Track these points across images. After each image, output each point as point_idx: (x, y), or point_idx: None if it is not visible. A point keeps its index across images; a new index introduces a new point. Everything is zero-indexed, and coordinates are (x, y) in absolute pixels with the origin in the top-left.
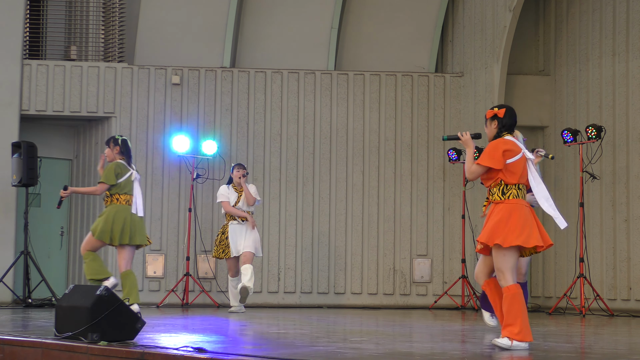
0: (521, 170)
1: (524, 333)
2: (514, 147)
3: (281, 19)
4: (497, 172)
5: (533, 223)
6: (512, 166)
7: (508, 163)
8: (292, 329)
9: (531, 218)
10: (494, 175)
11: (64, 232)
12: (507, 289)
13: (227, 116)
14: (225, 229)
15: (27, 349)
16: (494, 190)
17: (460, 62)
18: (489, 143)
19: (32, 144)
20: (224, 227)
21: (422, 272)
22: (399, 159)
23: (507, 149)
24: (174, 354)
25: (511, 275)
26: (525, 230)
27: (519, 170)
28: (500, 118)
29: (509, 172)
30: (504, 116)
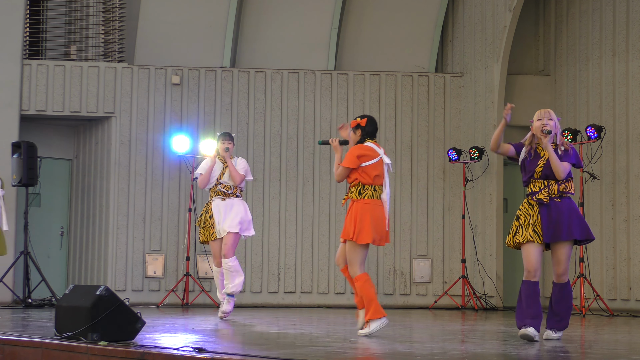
0: (376, 173)
1: (377, 311)
2: (371, 152)
3: (281, 19)
4: (355, 173)
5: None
6: (367, 169)
7: (363, 166)
8: (292, 329)
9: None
10: (352, 176)
11: (63, 232)
12: (358, 278)
13: (227, 116)
14: (208, 207)
15: (27, 349)
16: (352, 189)
17: (460, 62)
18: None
19: (32, 144)
20: (207, 205)
21: (422, 272)
22: (399, 159)
23: (362, 154)
24: (174, 354)
25: (360, 267)
26: (377, 229)
27: (373, 173)
28: (363, 127)
29: (364, 174)
30: (366, 125)
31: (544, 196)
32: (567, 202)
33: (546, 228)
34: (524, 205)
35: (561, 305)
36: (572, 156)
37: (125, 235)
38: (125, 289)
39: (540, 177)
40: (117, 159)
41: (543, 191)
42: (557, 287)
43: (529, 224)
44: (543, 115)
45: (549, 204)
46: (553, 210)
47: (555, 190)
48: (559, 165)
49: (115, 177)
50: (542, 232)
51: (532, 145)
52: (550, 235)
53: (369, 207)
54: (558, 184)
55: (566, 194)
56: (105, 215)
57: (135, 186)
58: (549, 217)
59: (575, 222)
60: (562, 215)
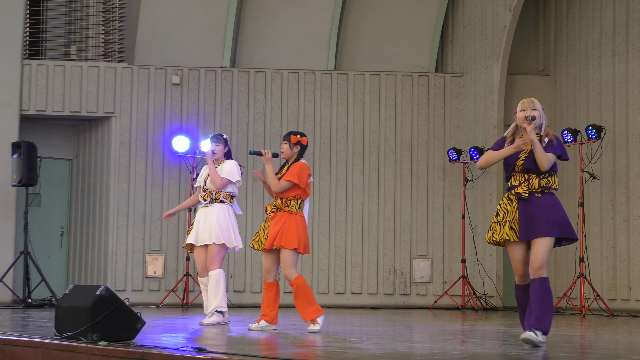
0: (310, 190)
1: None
2: (310, 171)
3: (281, 19)
4: (298, 189)
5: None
6: (308, 187)
7: (308, 182)
8: (292, 329)
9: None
10: (295, 191)
11: (63, 232)
12: (294, 282)
13: (227, 116)
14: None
15: (27, 349)
16: (292, 202)
17: (460, 62)
18: (295, 163)
19: (32, 144)
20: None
21: (422, 272)
22: (399, 159)
23: (309, 173)
24: (174, 354)
25: (295, 270)
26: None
27: (309, 190)
28: (304, 146)
29: (305, 191)
30: (306, 144)
31: (523, 190)
32: (549, 198)
33: (523, 225)
34: (503, 201)
35: (541, 303)
36: (557, 147)
37: (125, 235)
38: (125, 288)
39: (522, 171)
40: (117, 159)
41: (523, 185)
42: (535, 283)
43: (506, 220)
44: (527, 105)
45: (528, 198)
46: (531, 206)
47: (536, 185)
48: (544, 156)
49: (115, 177)
50: (519, 229)
51: (515, 138)
52: (527, 233)
53: (301, 219)
54: (539, 178)
55: (548, 189)
56: (105, 215)
57: (135, 186)
58: (526, 213)
59: (555, 218)
60: (542, 211)
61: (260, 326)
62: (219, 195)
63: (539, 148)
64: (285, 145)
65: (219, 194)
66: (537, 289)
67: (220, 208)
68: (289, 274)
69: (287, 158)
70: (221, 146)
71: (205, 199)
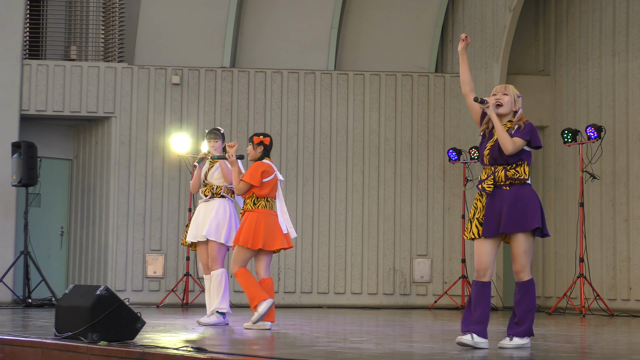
0: (272, 187)
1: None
2: (270, 169)
3: (281, 19)
4: (253, 188)
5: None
6: (266, 184)
7: (264, 181)
8: (292, 329)
9: (276, 224)
10: (251, 190)
11: (63, 232)
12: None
13: (227, 116)
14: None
15: (27, 348)
16: (247, 201)
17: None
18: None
19: (32, 144)
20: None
21: (422, 272)
22: (399, 158)
23: (264, 170)
24: (174, 354)
25: (239, 265)
26: (269, 235)
27: (269, 186)
28: (266, 145)
29: (261, 189)
30: (269, 144)
31: (488, 185)
32: (516, 190)
33: (487, 221)
34: (476, 196)
35: (520, 307)
36: (524, 132)
37: (125, 235)
38: (125, 288)
39: (489, 162)
40: (117, 158)
41: (489, 179)
42: (517, 287)
43: (475, 217)
44: (498, 90)
45: (493, 192)
46: (497, 201)
47: (502, 177)
48: (506, 138)
49: (115, 177)
50: (483, 225)
51: (488, 125)
52: (490, 229)
53: (263, 215)
54: (505, 170)
55: (517, 180)
56: (105, 215)
57: (135, 186)
58: (491, 208)
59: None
60: (507, 205)
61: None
62: (219, 189)
63: (500, 129)
64: (249, 147)
65: (220, 189)
66: (519, 293)
67: (220, 203)
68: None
69: (253, 159)
70: (220, 142)
71: (207, 194)
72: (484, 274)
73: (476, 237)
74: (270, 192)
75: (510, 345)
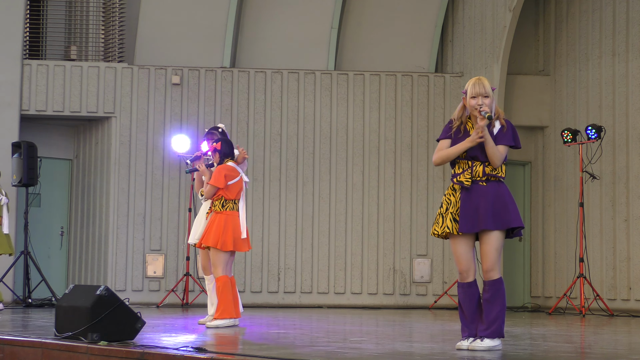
0: (238, 190)
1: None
2: (234, 172)
3: (281, 19)
4: (220, 190)
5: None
6: (231, 186)
7: (229, 184)
8: (292, 329)
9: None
10: (218, 192)
11: (63, 232)
12: (219, 279)
13: (227, 116)
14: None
15: (27, 348)
16: (215, 203)
17: (460, 62)
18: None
19: (32, 144)
20: None
21: (422, 272)
22: (398, 158)
23: (227, 174)
24: (174, 354)
25: (223, 270)
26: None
27: (236, 189)
28: (219, 150)
29: (228, 191)
30: (221, 148)
31: (466, 179)
32: (494, 187)
33: (463, 216)
34: (448, 191)
35: (491, 307)
36: (509, 137)
37: (125, 235)
38: (125, 288)
39: (466, 158)
40: (117, 158)
41: (466, 173)
42: (486, 286)
43: (449, 212)
44: (478, 91)
45: (470, 187)
46: (474, 197)
47: (480, 173)
48: (496, 154)
49: (115, 177)
50: (459, 220)
51: (462, 120)
52: (468, 225)
53: (231, 218)
54: (484, 165)
55: (494, 177)
56: (105, 215)
57: (135, 186)
58: (468, 203)
59: (499, 208)
60: (486, 201)
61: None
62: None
63: (491, 146)
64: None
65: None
66: (490, 292)
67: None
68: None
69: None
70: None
71: (202, 195)
72: (467, 275)
73: (452, 232)
74: (237, 194)
75: (482, 347)
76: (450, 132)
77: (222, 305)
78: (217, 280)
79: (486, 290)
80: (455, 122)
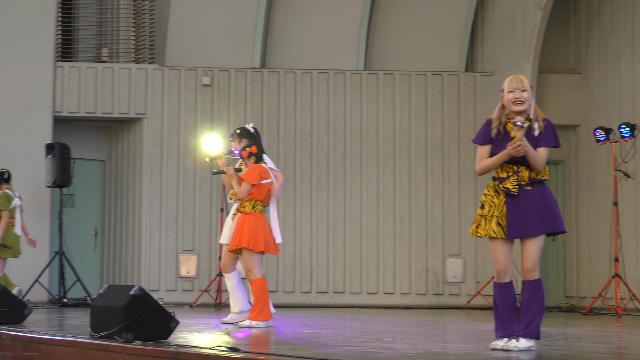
0: (268, 191)
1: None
2: (267, 173)
3: (310, 19)
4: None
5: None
6: (263, 186)
7: (261, 183)
8: (325, 329)
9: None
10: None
11: (97, 233)
12: (257, 282)
13: (257, 116)
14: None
15: (63, 348)
16: (245, 204)
17: (490, 60)
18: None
19: (65, 146)
20: None
21: (455, 272)
22: (429, 158)
23: (260, 172)
24: (208, 353)
25: (258, 271)
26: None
27: (266, 190)
28: (255, 154)
29: (259, 191)
30: (258, 152)
31: (512, 185)
32: (539, 190)
33: (512, 223)
34: (489, 191)
35: (531, 307)
36: (550, 138)
37: (158, 236)
38: (158, 288)
39: (510, 162)
40: (148, 159)
41: (511, 179)
42: (526, 286)
43: (493, 215)
44: (515, 86)
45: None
46: (521, 201)
47: (526, 177)
48: (539, 160)
49: (147, 177)
50: (507, 226)
51: (501, 121)
52: (517, 231)
53: (260, 219)
54: (530, 170)
55: (539, 181)
56: (138, 215)
57: (167, 186)
58: (515, 209)
59: (546, 214)
60: (533, 207)
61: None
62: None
63: (532, 154)
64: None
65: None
66: (529, 292)
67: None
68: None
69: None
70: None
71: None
72: (504, 275)
73: (497, 236)
74: (267, 197)
75: (517, 347)
76: (488, 135)
77: (260, 307)
78: (255, 282)
79: (526, 290)
80: (494, 123)
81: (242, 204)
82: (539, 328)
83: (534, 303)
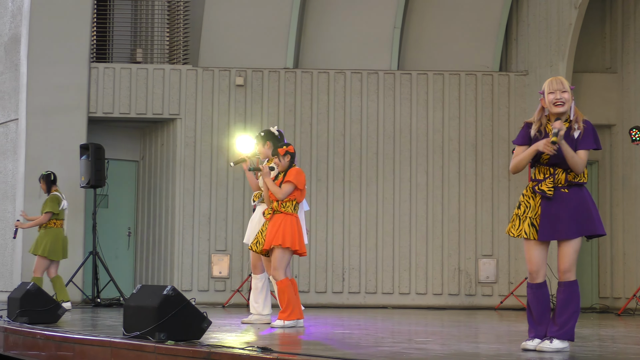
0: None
1: (294, 314)
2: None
3: (343, 19)
4: (295, 191)
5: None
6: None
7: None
8: (357, 330)
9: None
10: (293, 193)
11: (131, 233)
12: (284, 282)
13: (290, 117)
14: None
15: (96, 347)
16: (287, 204)
17: (524, 60)
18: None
19: (99, 146)
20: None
21: (488, 273)
22: (463, 158)
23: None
24: (240, 353)
25: (286, 271)
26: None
27: (305, 193)
28: (292, 154)
29: (302, 195)
30: (294, 152)
31: (548, 188)
32: (576, 193)
33: (543, 225)
34: (527, 192)
35: (566, 309)
36: (590, 140)
37: (191, 236)
38: (191, 289)
39: (547, 164)
40: (182, 160)
41: (548, 181)
42: (562, 287)
43: (527, 216)
44: (555, 88)
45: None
46: (555, 204)
47: (563, 180)
48: (578, 162)
49: (180, 178)
50: (539, 227)
51: (542, 122)
52: (548, 233)
53: (296, 220)
54: (566, 173)
55: (576, 184)
56: (171, 215)
57: (201, 187)
58: (549, 211)
59: (582, 217)
60: (567, 210)
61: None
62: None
63: (570, 156)
64: (275, 160)
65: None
66: (564, 293)
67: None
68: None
69: (283, 170)
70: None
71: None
72: (537, 276)
73: (529, 237)
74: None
75: (550, 348)
76: (527, 137)
77: (291, 306)
78: (281, 283)
79: (561, 292)
80: (535, 124)
81: (283, 204)
82: (573, 330)
83: (569, 304)
